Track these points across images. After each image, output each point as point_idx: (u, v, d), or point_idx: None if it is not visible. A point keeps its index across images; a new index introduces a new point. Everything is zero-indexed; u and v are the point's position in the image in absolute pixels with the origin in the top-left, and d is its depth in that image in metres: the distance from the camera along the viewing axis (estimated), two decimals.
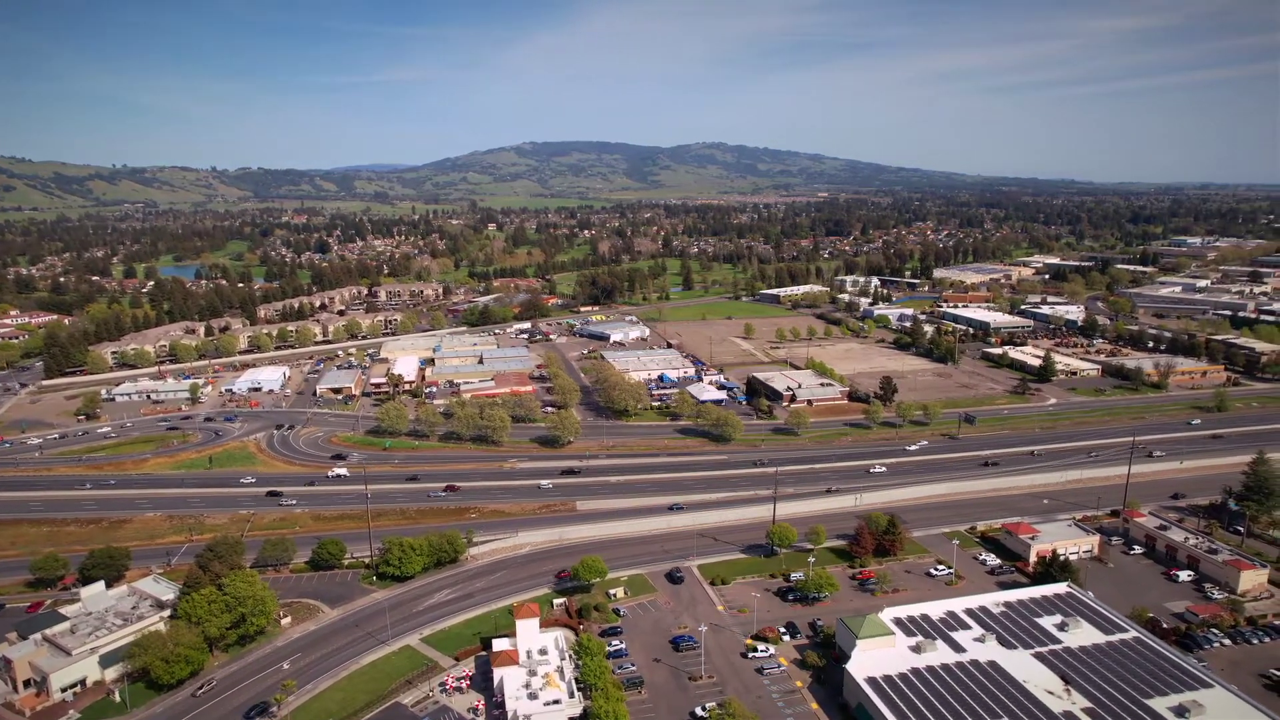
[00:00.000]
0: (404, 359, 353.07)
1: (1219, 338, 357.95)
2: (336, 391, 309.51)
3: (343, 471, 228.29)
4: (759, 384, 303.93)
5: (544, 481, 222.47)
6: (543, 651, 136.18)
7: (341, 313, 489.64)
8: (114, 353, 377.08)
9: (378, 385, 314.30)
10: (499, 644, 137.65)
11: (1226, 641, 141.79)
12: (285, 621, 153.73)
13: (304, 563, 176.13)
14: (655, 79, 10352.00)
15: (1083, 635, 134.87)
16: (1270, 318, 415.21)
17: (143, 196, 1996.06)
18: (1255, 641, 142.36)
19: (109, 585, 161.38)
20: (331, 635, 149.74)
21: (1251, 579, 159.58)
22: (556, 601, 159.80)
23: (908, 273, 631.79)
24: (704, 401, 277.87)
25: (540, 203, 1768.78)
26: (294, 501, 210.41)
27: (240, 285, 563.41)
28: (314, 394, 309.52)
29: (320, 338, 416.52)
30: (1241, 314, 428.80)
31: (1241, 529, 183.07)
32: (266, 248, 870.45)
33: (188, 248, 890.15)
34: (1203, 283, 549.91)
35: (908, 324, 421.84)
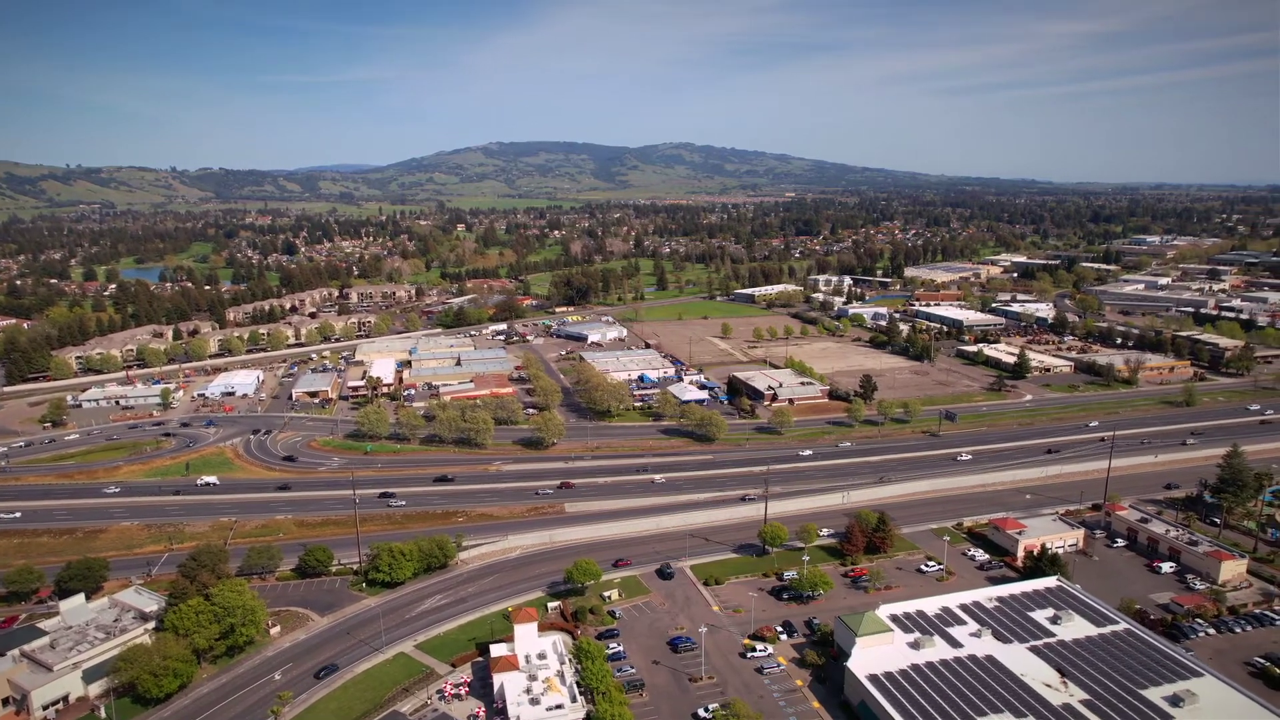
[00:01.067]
0: (380, 362, 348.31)
1: (1184, 334, 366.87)
2: (313, 395, 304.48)
3: (212, 480, 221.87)
4: (740, 383, 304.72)
5: (657, 477, 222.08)
6: (541, 656, 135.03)
7: (313, 315, 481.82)
8: (78, 358, 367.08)
9: (355, 388, 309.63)
10: (497, 649, 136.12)
11: (1211, 631, 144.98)
12: (274, 631, 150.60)
13: (290, 570, 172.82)
14: (621, 79, 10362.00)
15: (1075, 628, 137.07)
16: (1230, 314, 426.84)
17: (99, 197, 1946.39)
18: (1238, 630, 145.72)
19: (88, 597, 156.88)
20: (323, 644, 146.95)
21: (1231, 569, 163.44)
22: (551, 605, 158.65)
23: (879, 272, 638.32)
24: (686, 401, 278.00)
25: (508, 203, 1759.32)
26: (403, 502, 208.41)
27: (207, 288, 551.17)
28: (290, 398, 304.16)
29: (293, 340, 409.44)
30: (1203, 310, 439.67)
31: (1218, 520, 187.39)
32: (232, 249, 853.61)
33: (149, 249, 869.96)
34: (1164, 280, 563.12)
35: (883, 322, 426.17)
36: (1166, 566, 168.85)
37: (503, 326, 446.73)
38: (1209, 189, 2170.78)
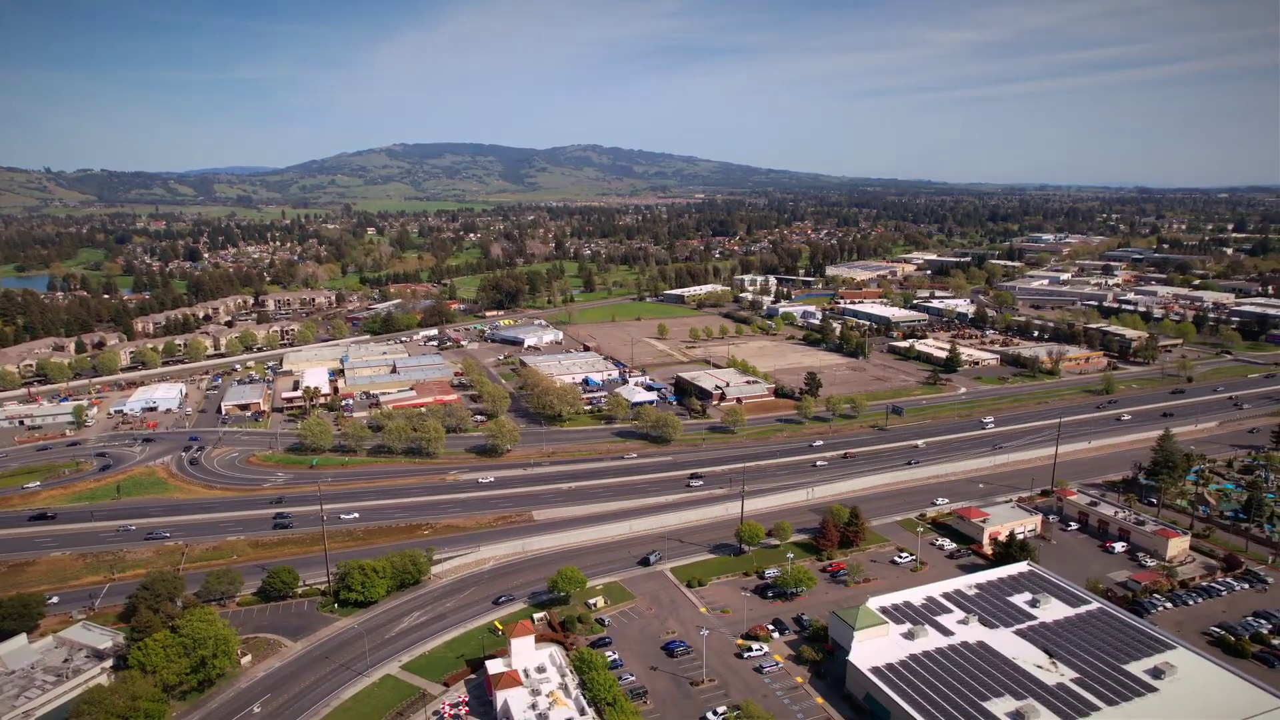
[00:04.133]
0: (312, 371, 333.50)
1: (1094, 326, 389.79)
2: (244, 408, 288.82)
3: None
4: (687, 384, 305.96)
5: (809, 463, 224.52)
6: (540, 669, 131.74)
7: (229, 324, 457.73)
8: None
9: (289, 399, 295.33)
10: (494, 665, 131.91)
11: (1168, 605, 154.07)
12: (245, 660, 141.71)
13: (252, 594, 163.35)
14: (526, 81, 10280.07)
15: (1053, 610, 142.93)
16: (1129, 307, 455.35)
17: None
18: (1191, 603, 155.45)
19: (28, 637, 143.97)
20: (301, 671, 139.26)
21: (1177, 546, 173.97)
22: (537, 615, 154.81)
23: (801, 271, 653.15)
24: (638, 404, 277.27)
25: (416, 205, 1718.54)
26: (701, 482, 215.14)
27: (106, 297, 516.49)
28: (219, 411, 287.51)
29: (213, 351, 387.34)
30: (1105, 304, 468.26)
31: (1155, 501, 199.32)
32: (127, 256, 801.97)
33: (32, 256, 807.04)
34: (1065, 276, 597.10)
35: (813, 320, 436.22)
36: (1118, 546, 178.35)
37: (434, 332, 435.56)
38: (1086, 190, 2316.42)
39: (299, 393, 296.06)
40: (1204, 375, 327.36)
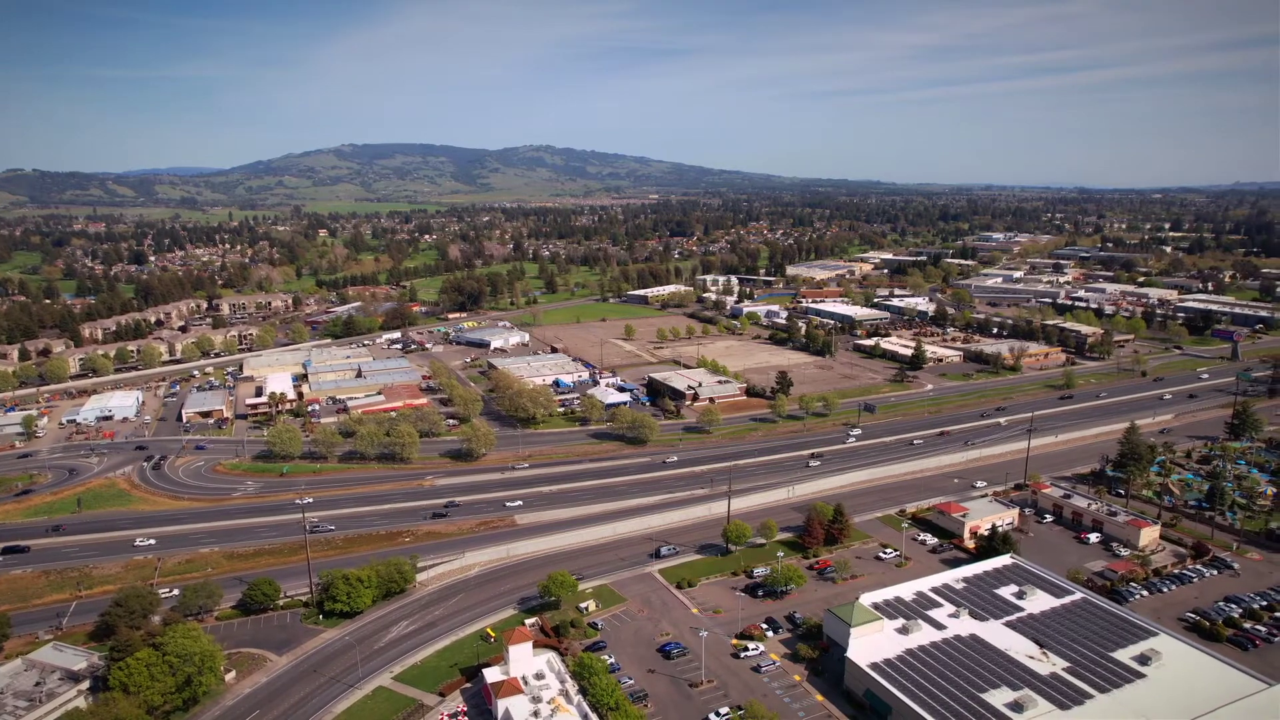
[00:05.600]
0: (274, 376, 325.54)
1: (1051, 323, 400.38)
2: (206, 415, 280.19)
3: None
4: (660, 384, 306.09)
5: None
6: (539, 676, 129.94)
7: (184, 328, 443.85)
8: None
9: (254, 406, 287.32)
10: (492, 673, 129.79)
11: (1145, 593, 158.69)
12: (230, 676, 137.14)
13: (231, 607, 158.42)
14: (476, 81, 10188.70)
15: (1039, 601, 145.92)
16: (1082, 304, 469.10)
17: None
18: (1165, 590, 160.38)
19: None
20: (289, 686, 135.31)
21: (1148, 535, 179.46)
22: (529, 621, 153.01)
23: (761, 270, 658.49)
24: (613, 405, 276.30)
25: (368, 207, 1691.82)
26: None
27: (49, 302, 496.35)
28: (179, 419, 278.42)
29: (168, 357, 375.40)
30: (1058, 301, 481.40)
31: (1123, 492, 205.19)
32: (67, 259, 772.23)
33: None
34: (1018, 274, 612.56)
35: (778, 320, 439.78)
36: (1093, 537, 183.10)
37: (397, 335, 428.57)
38: (1030, 190, 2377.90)
39: (264, 399, 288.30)
40: (1156, 369, 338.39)
